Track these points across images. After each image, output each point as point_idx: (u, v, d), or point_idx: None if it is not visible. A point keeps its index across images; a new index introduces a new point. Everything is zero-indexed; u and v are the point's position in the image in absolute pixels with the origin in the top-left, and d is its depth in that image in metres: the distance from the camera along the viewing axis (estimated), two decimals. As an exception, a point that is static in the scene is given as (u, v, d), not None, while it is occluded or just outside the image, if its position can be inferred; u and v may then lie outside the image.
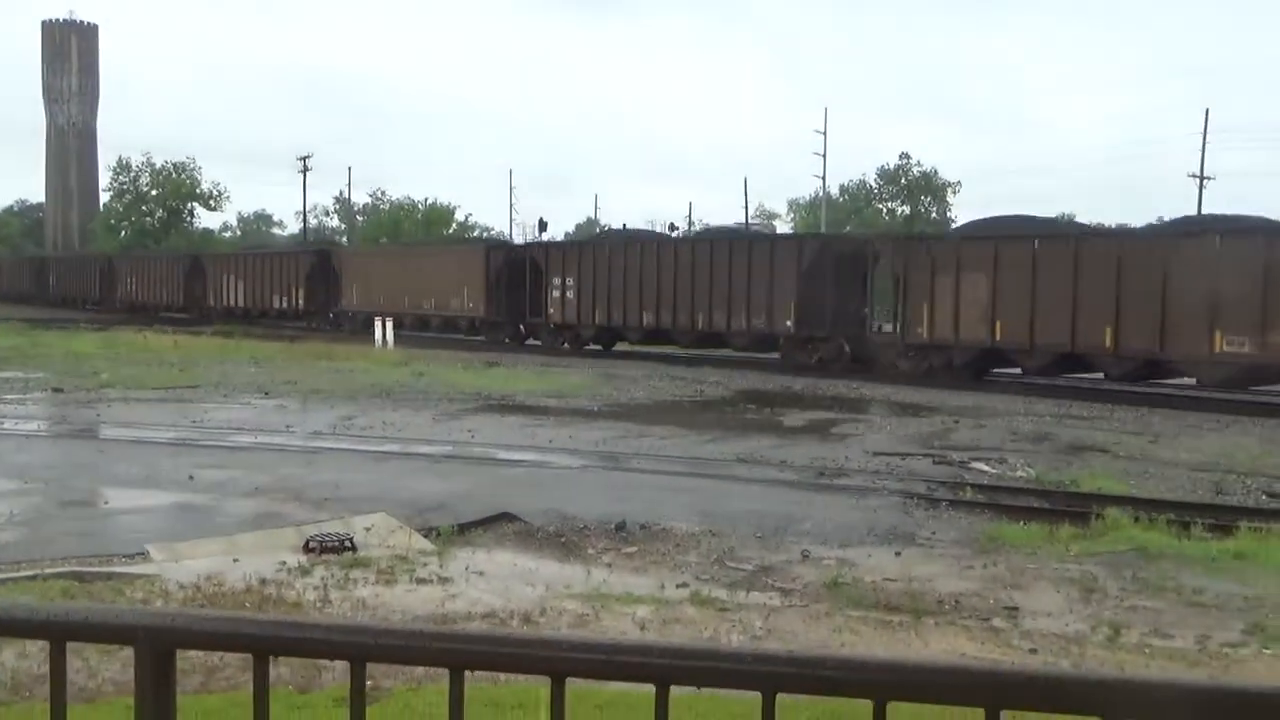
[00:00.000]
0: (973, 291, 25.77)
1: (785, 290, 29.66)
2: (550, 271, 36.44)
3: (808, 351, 29.87)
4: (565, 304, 35.92)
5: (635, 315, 33.74)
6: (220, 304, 53.95)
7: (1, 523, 10.79)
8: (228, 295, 53.85)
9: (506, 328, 38.87)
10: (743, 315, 30.89)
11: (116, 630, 1.56)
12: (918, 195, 73.47)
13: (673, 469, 14.64)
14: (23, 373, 27.15)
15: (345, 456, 15.21)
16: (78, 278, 70.08)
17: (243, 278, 52.73)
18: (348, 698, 5.06)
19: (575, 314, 35.62)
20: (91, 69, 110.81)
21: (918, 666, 1.39)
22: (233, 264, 54.75)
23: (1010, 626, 8.04)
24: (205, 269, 56.44)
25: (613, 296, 34.31)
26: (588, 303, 35.14)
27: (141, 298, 60.87)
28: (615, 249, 35.21)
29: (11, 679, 6.20)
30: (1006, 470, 14.85)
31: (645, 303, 33.30)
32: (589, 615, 7.93)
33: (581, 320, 35.55)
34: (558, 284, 36.16)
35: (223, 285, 54.35)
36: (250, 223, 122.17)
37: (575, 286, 35.54)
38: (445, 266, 41.04)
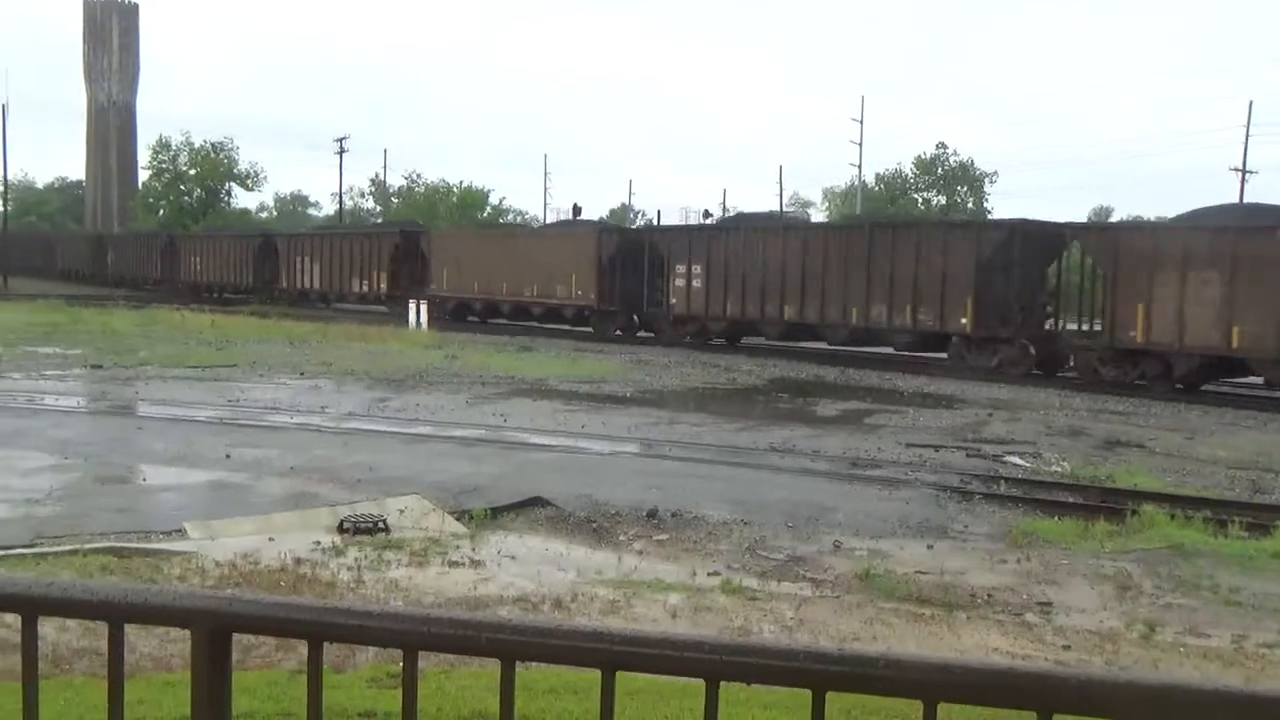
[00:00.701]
0: (1203, 290, 22.52)
1: (960, 283, 26.51)
2: (674, 258, 33.48)
3: (985, 354, 26.68)
4: (691, 294, 32.96)
5: (774, 308, 30.67)
6: (293, 286, 51.28)
7: (41, 498, 10.94)
8: (302, 277, 50.95)
9: (618, 318, 36.35)
10: (907, 311, 27.71)
11: (174, 613, 1.58)
12: (954, 185, 72.93)
13: (705, 457, 14.64)
14: (62, 349, 27.49)
15: (379, 438, 15.31)
16: (138, 256, 67.41)
17: (319, 259, 49.73)
18: (381, 680, 5.10)
19: (702, 305, 32.68)
20: (132, 48, 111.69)
21: (969, 668, 1.39)
22: (308, 244, 51.59)
23: (1043, 622, 8.00)
24: (278, 249, 53.47)
25: (748, 287, 31.22)
26: (718, 293, 32.13)
27: (207, 278, 58.23)
28: (753, 234, 31.87)
29: (52, 652, 6.29)
30: (1041, 464, 14.76)
31: (787, 294, 30.18)
32: (620, 602, 7.96)
33: (709, 312, 32.53)
34: (682, 272, 33.21)
35: (296, 267, 51.30)
36: (286, 203, 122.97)
37: (703, 275, 32.53)
38: (551, 251, 38.12)
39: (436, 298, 42.26)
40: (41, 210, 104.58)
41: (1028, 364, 26.12)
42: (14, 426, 15.28)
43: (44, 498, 10.96)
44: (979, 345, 26.82)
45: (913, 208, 69.50)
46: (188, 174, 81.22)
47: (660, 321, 34.67)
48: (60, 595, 1.61)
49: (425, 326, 37.76)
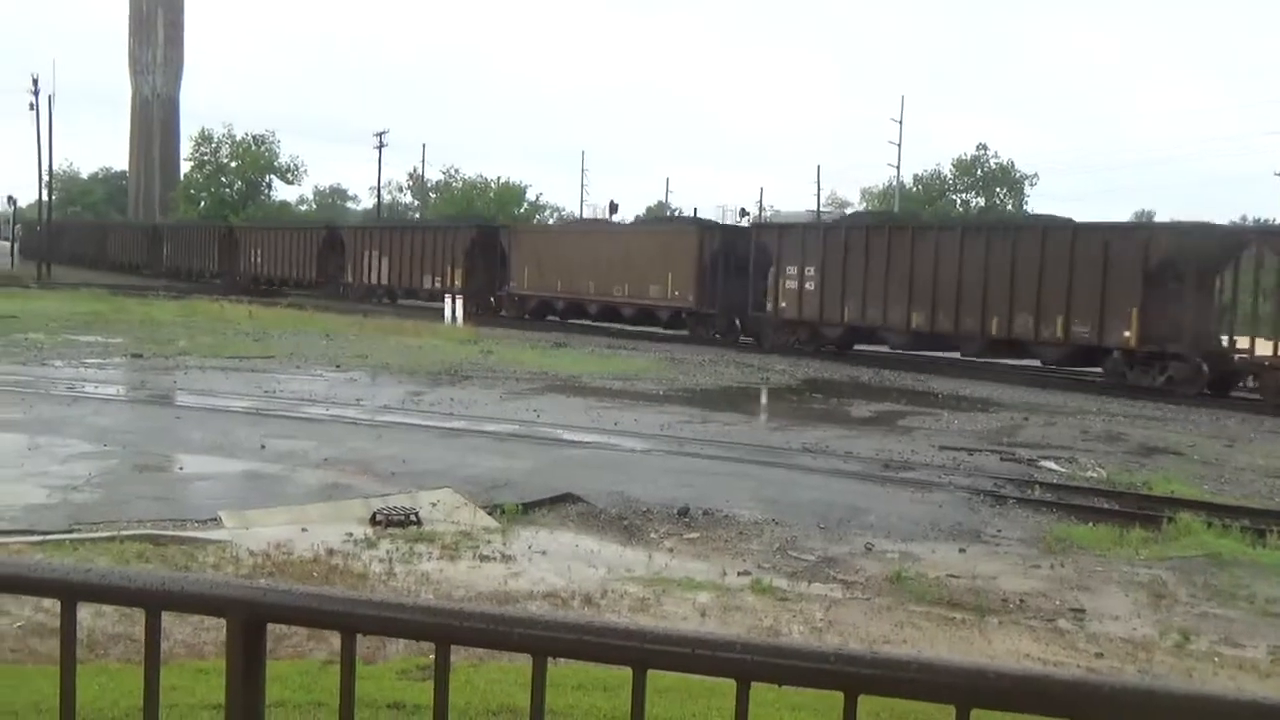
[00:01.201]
0: None
1: (1124, 293, 24.03)
2: (785, 258, 31.02)
3: (1150, 371, 24.18)
4: (803, 297, 30.54)
5: (899, 315, 28.33)
6: (360, 281, 49.09)
7: (80, 485, 11.08)
8: (369, 272, 48.60)
9: (718, 322, 33.84)
10: (1058, 322, 25.18)
11: (210, 601, 1.60)
12: (993, 187, 72.39)
13: (737, 456, 14.62)
14: (103, 338, 27.82)
15: (413, 431, 15.39)
16: (195, 248, 64.93)
17: (388, 253, 47.34)
18: (410, 671, 5.13)
19: (815, 309, 30.32)
20: (176, 40, 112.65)
21: (1002, 674, 1.38)
22: (377, 238, 49.32)
23: (1076, 629, 7.94)
24: (343, 242, 51.34)
25: (869, 291, 28.93)
26: (833, 297, 29.80)
27: (267, 271, 56.02)
28: (877, 233, 29.69)
29: (88, 637, 6.36)
30: (1076, 470, 14.63)
31: (915, 300, 27.83)
32: (650, 599, 7.97)
33: (824, 317, 30.18)
34: (793, 273, 30.74)
35: (364, 261, 48.99)
36: (325, 196, 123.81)
37: (817, 277, 30.13)
38: (646, 249, 35.72)
39: (516, 296, 40.87)
40: (85, 200, 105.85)
41: (1200, 383, 23.59)
42: (55, 414, 15.48)
43: (83, 484, 11.10)
44: (1143, 361, 24.34)
45: (951, 209, 69.05)
46: (229, 166, 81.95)
47: (765, 326, 32.31)
48: (99, 582, 1.63)
49: (460, 321, 37.89)
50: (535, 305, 40.37)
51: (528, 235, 43.50)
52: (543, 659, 1.52)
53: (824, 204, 78.42)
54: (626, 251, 36.52)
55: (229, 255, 59.90)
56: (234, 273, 58.59)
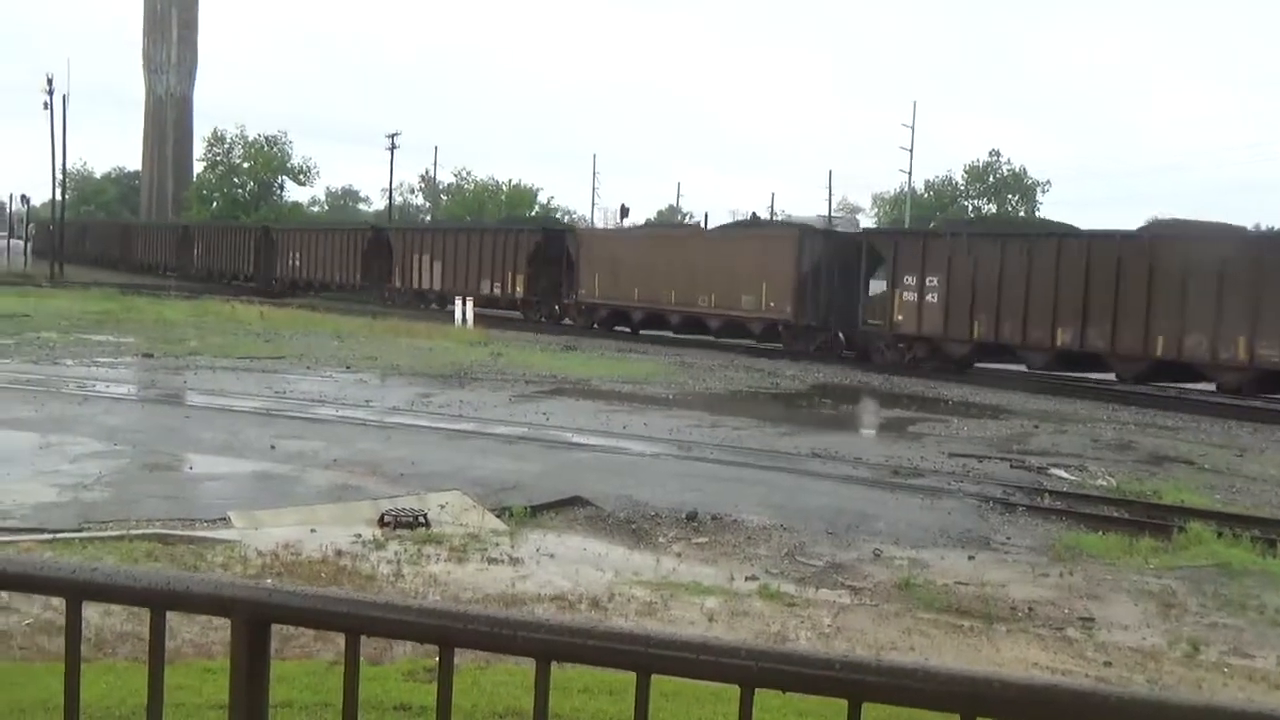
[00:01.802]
0: None
1: None
2: (901, 267, 28.53)
3: None
4: (923, 311, 27.97)
5: (1041, 331, 25.76)
6: (409, 286, 46.42)
7: (90, 483, 11.11)
8: (419, 276, 45.91)
9: (819, 334, 31.27)
10: (1239, 344, 22.47)
11: (215, 601, 1.60)
12: (1005, 194, 72.29)
13: (746, 460, 14.61)
14: (115, 337, 27.92)
15: (422, 433, 15.41)
16: (229, 250, 62.09)
17: (440, 257, 44.68)
18: (417, 673, 5.13)
19: (939, 324, 27.74)
20: (190, 40, 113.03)
21: (1008, 683, 1.38)
22: (428, 240, 46.57)
23: (1084, 638, 7.91)
24: (390, 245, 48.52)
25: (1004, 305, 26.32)
26: (960, 311, 27.22)
27: (307, 274, 53.43)
28: (1013, 242, 27.03)
29: (95, 636, 6.38)
30: (1086, 478, 14.58)
31: (1061, 315, 25.31)
32: (657, 604, 7.96)
33: (948, 333, 27.60)
34: (911, 283, 28.19)
35: (413, 265, 46.33)
36: (337, 198, 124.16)
37: (941, 288, 27.53)
38: (737, 255, 33.01)
39: (584, 304, 38.40)
40: (99, 200, 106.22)
41: None
42: (66, 412, 15.54)
43: (93, 483, 11.14)
44: None
45: (962, 215, 68.93)
46: (241, 167, 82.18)
47: (875, 341, 29.79)
48: (104, 581, 1.63)
49: (470, 324, 37.91)
50: (606, 315, 37.75)
51: (599, 239, 41.16)
52: (546, 663, 1.52)
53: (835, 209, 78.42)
54: (714, 258, 33.68)
55: (266, 258, 57.34)
56: (271, 276, 56.31)
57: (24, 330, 27.98)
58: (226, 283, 58.61)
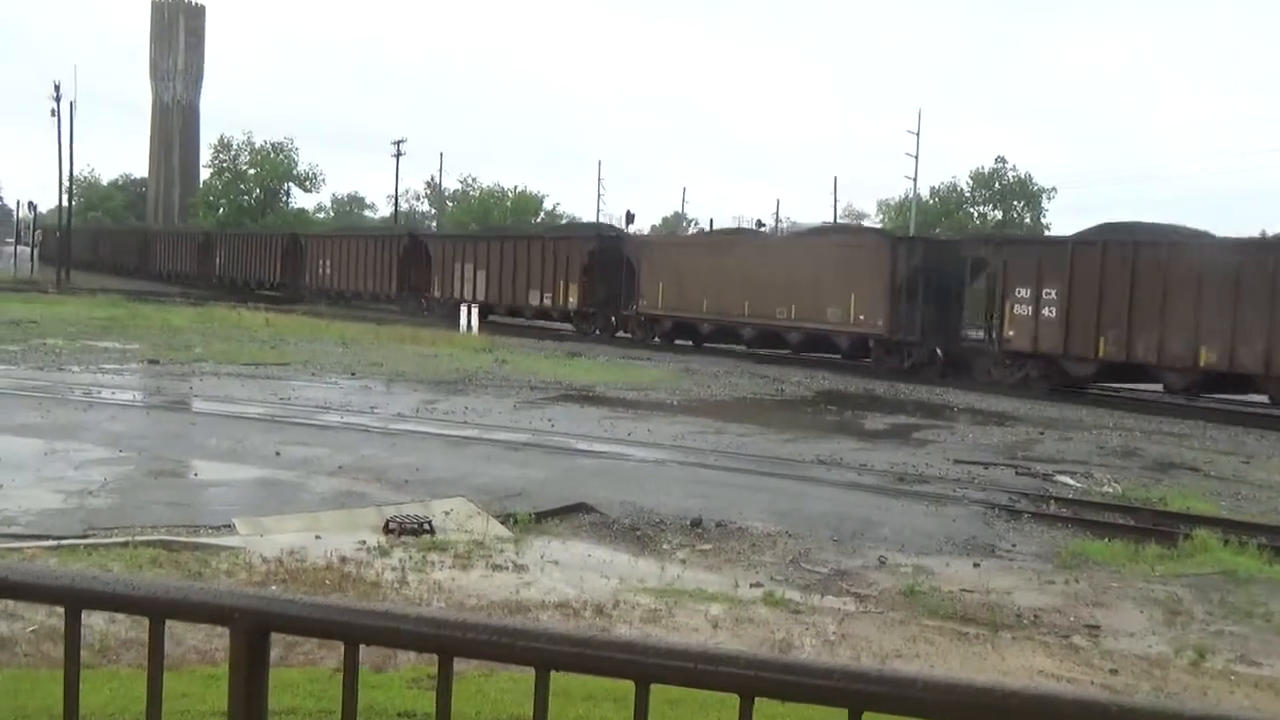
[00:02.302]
0: None
1: None
2: (1013, 278, 26.17)
3: None
4: (1039, 326, 25.52)
5: (1183, 348, 23.26)
6: (449, 296, 44.11)
7: (95, 490, 11.11)
8: (461, 286, 43.56)
9: (914, 350, 28.82)
10: None
11: (213, 610, 1.59)
12: (1011, 200, 72.21)
13: (750, 467, 14.59)
14: (121, 344, 27.96)
15: (427, 440, 15.41)
16: (254, 258, 60.00)
17: (485, 267, 42.50)
18: (421, 680, 5.11)
19: (1057, 341, 25.26)
20: (197, 48, 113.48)
21: (1010, 693, 1.37)
22: (470, 248, 44.20)
23: (1090, 645, 7.88)
24: (429, 253, 46.29)
25: (1137, 320, 23.97)
26: (1084, 326, 24.85)
27: (338, 284, 51.50)
28: (1147, 250, 24.34)
29: (100, 642, 6.38)
30: (1092, 485, 14.55)
31: (1205, 332, 22.80)
32: (661, 611, 7.94)
33: (1069, 350, 25.12)
34: (1025, 296, 25.86)
35: (454, 274, 44.18)
36: (343, 204, 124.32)
37: (1061, 301, 25.13)
38: (821, 263, 30.69)
39: (645, 316, 36.19)
40: (105, 206, 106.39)
41: None
42: (71, 419, 15.56)
43: (98, 490, 11.14)
44: None
45: (968, 221, 68.90)
46: (247, 174, 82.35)
47: (982, 358, 27.53)
48: (103, 589, 1.63)
49: (475, 330, 37.93)
50: (670, 327, 35.66)
51: (663, 247, 38.71)
52: (545, 672, 1.52)
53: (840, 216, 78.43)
54: (795, 267, 31.35)
55: (294, 266, 55.28)
56: (299, 285, 54.29)
57: (30, 337, 28.03)
58: (251, 292, 56.78)
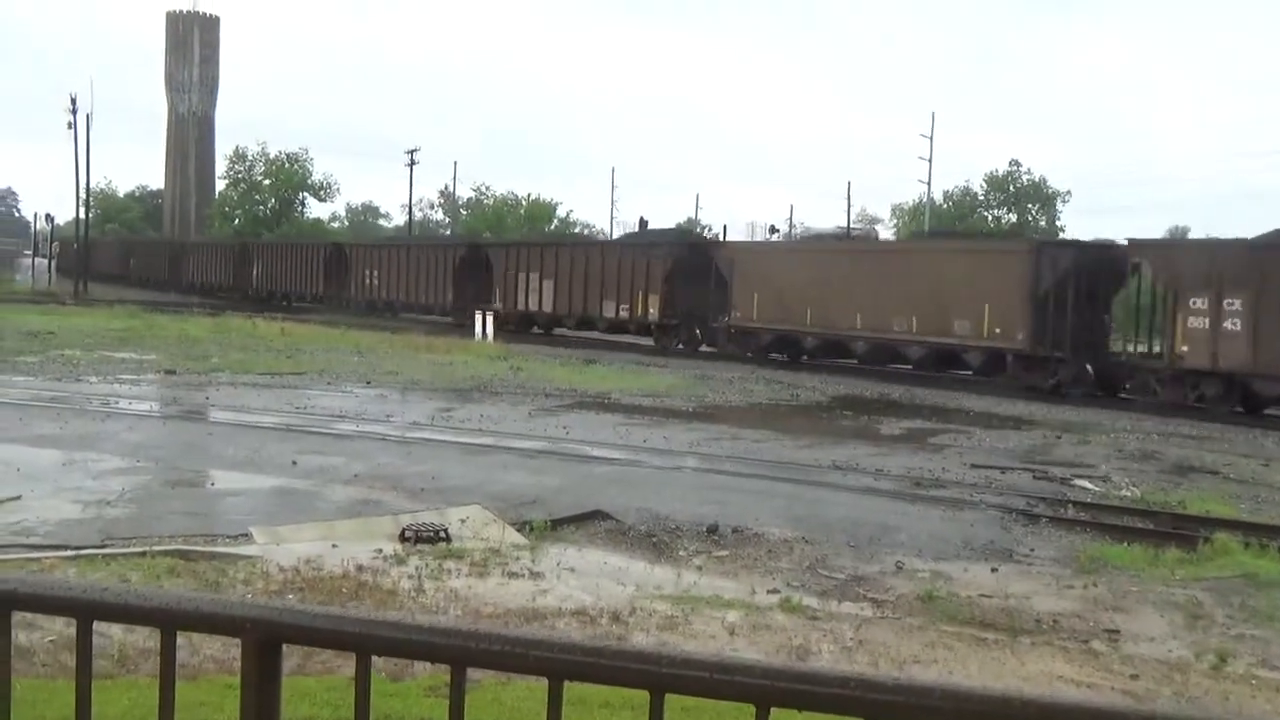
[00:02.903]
0: None
1: None
2: (1186, 286, 23.39)
3: None
4: (1218, 340, 22.69)
5: None
6: (512, 308, 41.55)
7: (113, 500, 11.15)
8: (526, 297, 41.13)
9: (1064, 367, 26.27)
10: None
11: (225, 621, 1.59)
12: (1025, 203, 71.97)
13: (766, 473, 14.55)
14: (137, 354, 28.08)
15: (442, 448, 15.42)
16: (292, 269, 57.12)
17: (551, 275, 39.99)
18: (439, 689, 5.10)
19: (1244, 357, 22.49)
20: (212, 60, 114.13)
21: (1028, 701, 1.35)
22: (535, 257, 41.36)
23: (1110, 650, 7.83)
24: (489, 262, 43.49)
25: None
26: (1273, 339, 21.94)
27: (387, 295, 49.03)
28: None
29: (119, 652, 6.39)
30: (1110, 489, 14.47)
31: None
32: (678, 617, 7.92)
33: (1260, 367, 22.24)
34: (1201, 306, 22.98)
35: (517, 285, 41.46)
36: (357, 214, 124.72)
37: (1247, 313, 22.32)
38: (948, 272, 28.00)
39: (737, 329, 33.36)
40: (122, 218, 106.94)
41: None
42: (89, 430, 15.62)
43: (115, 500, 11.18)
44: None
45: (982, 226, 68.71)
46: (262, 184, 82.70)
47: (1145, 375, 24.87)
48: (115, 601, 1.62)
49: (490, 338, 37.95)
50: (769, 341, 32.92)
51: (759, 254, 35.77)
52: (559, 682, 1.51)
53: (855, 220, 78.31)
54: (916, 275, 28.61)
55: (338, 277, 52.92)
56: (343, 297, 51.93)
57: (48, 348, 28.19)
58: (289, 304, 55.46)
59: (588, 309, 38.89)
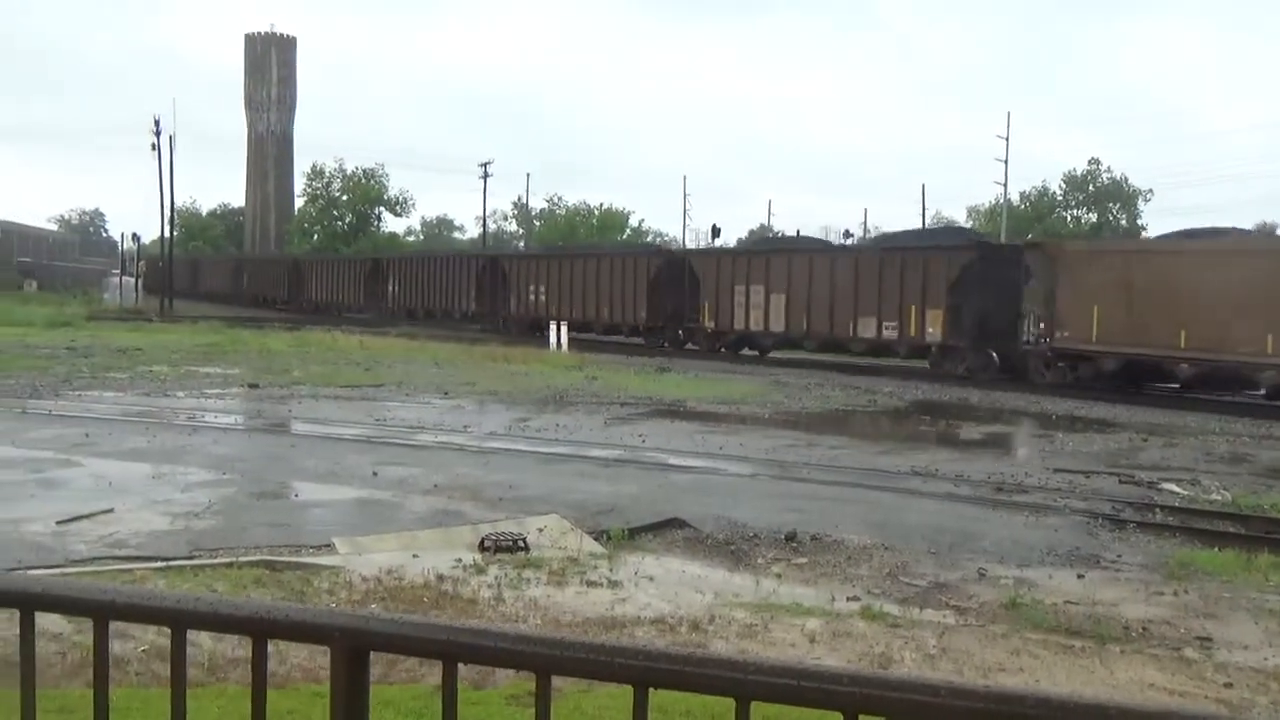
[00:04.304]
0: None
1: None
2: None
3: None
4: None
5: None
6: (727, 326, 36.32)
7: (200, 511, 11.39)
8: (745, 316, 35.49)
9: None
10: None
11: (314, 630, 1.61)
12: (1106, 203, 70.62)
13: (844, 480, 14.43)
14: (222, 369, 28.68)
15: (519, 457, 15.52)
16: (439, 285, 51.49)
17: (780, 288, 34.21)
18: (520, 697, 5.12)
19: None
20: (289, 79, 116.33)
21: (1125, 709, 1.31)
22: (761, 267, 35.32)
23: (1203, 658, 7.63)
24: (694, 272, 37.83)
25: None
26: None
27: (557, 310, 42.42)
28: None
29: (209, 660, 6.52)
30: (1200, 492, 14.11)
31: None
32: (757, 625, 7.87)
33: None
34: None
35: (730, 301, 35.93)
36: (433, 227, 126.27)
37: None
38: None
39: (1064, 351, 27.03)
40: (206, 236, 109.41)
41: None
42: (177, 443, 15.98)
43: (202, 511, 11.42)
44: None
45: (1061, 226, 67.55)
46: (340, 200, 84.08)
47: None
48: (208, 610, 1.66)
49: (565, 348, 38.10)
50: (1114, 368, 26.49)
51: (1102, 255, 28.40)
52: (644, 690, 1.50)
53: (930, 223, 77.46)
54: None
55: (492, 293, 47.21)
56: (500, 314, 46.67)
57: (137, 364, 28.91)
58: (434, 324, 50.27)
59: (835, 329, 32.89)
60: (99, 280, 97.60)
